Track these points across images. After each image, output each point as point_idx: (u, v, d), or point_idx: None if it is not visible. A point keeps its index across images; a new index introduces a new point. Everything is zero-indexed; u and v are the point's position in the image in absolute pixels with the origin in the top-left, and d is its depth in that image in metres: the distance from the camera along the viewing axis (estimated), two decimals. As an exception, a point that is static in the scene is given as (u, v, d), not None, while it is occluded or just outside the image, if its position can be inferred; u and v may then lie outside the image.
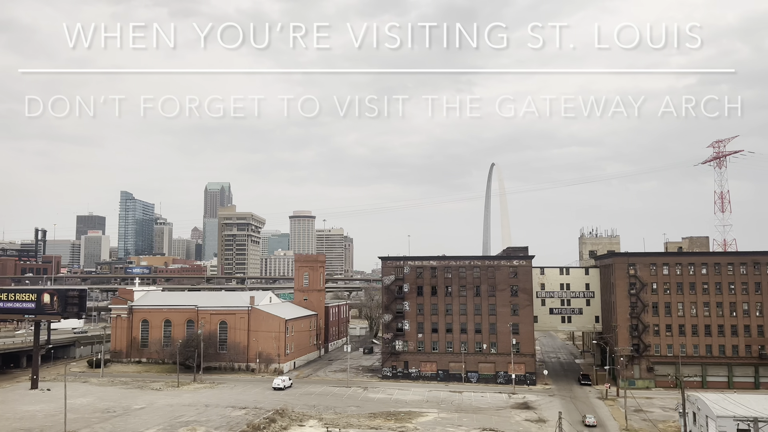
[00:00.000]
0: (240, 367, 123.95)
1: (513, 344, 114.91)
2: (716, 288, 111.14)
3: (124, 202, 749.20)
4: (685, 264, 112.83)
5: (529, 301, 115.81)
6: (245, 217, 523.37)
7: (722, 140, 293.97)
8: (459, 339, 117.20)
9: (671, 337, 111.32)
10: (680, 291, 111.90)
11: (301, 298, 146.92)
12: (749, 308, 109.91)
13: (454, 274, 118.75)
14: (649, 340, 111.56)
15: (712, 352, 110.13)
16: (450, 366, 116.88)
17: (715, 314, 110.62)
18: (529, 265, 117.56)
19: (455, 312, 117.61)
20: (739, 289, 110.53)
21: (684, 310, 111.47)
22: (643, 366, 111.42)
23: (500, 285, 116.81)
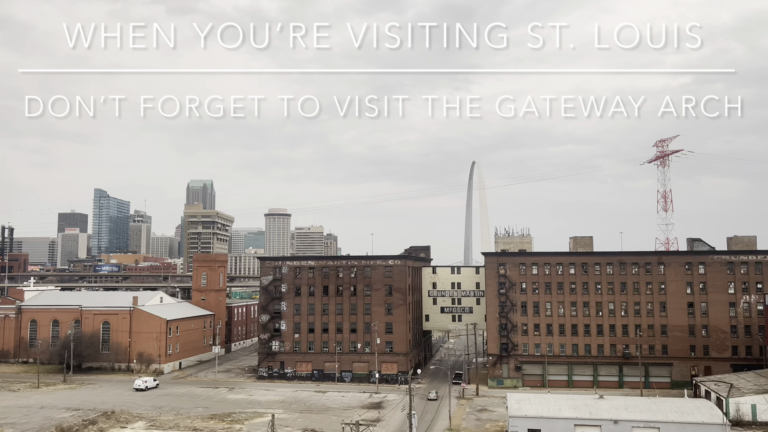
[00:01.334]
0: (120, 368, 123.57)
1: (387, 343, 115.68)
2: (583, 288, 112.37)
3: (98, 200, 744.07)
4: (553, 264, 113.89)
5: (403, 300, 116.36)
6: (210, 215, 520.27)
7: (665, 140, 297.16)
8: (334, 339, 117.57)
9: (539, 336, 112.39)
10: (548, 291, 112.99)
11: (199, 298, 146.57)
12: (615, 308, 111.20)
13: (331, 275, 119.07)
14: (517, 340, 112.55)
15: (578, 351, 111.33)
16: (325, 366, 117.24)
17: (582, 314, 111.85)
18: (404, 265, 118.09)
19: (331, 312, 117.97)
20: (605, 289, 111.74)
21: (552, 310, 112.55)
22: (511, 365, 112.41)
23: (375, 285, 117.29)
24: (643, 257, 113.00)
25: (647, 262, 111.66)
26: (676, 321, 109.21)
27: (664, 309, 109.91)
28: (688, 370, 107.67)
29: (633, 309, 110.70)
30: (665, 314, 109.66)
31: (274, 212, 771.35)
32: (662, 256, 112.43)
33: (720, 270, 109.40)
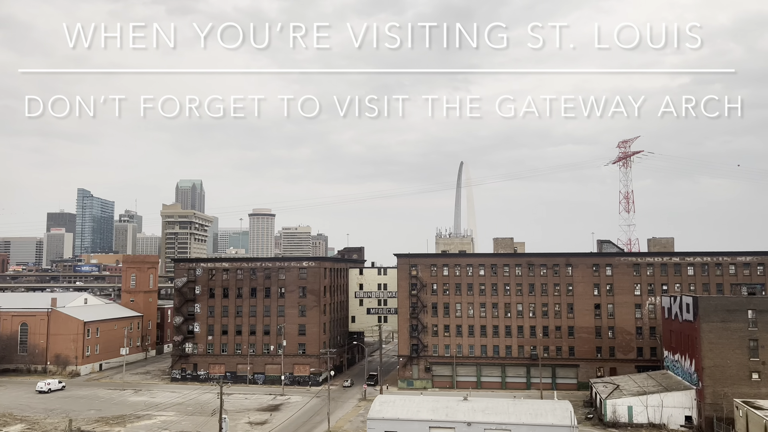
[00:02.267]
0: (36, 369, 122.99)
1: (299, 345, 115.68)
2: (493, 289, 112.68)
3: (81, 200, 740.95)
4: (463, 265, 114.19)
5: (317, 302, 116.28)
6: (187, 216, 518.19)
7: (627, 140, 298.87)
8: (248, 341, 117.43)
9: (449, 337, 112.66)
10: (459, 292, 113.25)
11: (128, 300, 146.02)
12: (523, 309, 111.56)
13: (245, 276, 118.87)
14: (427, 341, 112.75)
15: (487, 352, 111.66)
16: (238, 368, 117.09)
17: (491, 315, 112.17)
18: (319, 267, 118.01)
19: (245, 314, 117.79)
20: (513, 290, 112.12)
21: (462, 311, 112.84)
22: (421, 366, 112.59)
23: (289, 287, 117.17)
24: (552, 259, 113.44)
25: (555, 263, 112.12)
26: (583, 323, 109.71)
27: (572, 310, 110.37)
28: (594, 372, 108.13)
29: (541, 310, 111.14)
30: (573, 316, 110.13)
31: (258, 212, 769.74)
32: (570, 258, 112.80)
33: (626, 272, 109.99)
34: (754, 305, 76.92)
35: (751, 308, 76.78)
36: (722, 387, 76.32)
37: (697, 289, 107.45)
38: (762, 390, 75.38)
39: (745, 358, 76.29)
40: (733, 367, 76.40)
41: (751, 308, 76.78)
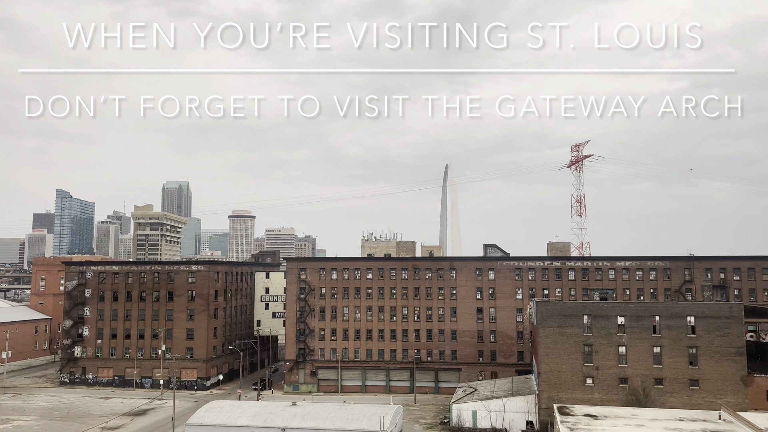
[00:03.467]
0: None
1: (187, 350, 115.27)
2: (379, 293, 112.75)
3: (60, 201, 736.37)
4: (351, 269, 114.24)
5: (205, 306, 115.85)
6: (158, 217, 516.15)
7: (580, 144, 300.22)
8: (137, 345, 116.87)
9: (335, 341, 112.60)
10: (346, 296, 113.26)
11: (37, 302, 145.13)
12: (408, 313, 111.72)
13: (135, 280, 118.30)
14: (314, 345, 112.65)
15: (372, 356, 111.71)
16: (126, 372, 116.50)
17: (377, 319, 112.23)
18: (209, 270, 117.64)
19: (134, 317, 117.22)
20: (399, 294, 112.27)
21: (349, 315, 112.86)
22: (307, 370, 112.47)
23: (178, 291, 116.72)
24: (437, 262, 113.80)
25: (440, 267, 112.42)
26: (466, 326, 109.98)
27: (455, 314, 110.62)
28: (476, 375, 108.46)
29: (425, 314, 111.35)
30: (456, 320, 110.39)
31: (237, 214, 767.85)
32: (454, 262, 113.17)
33: (509, 276, 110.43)
34: (590, 311, 77.36)
35: (586, 313, 77.23)
36: (557, 392, 76.63)
37: (577, 293, 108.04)
38: (595, 395, 75.81)
39: (580, 363, 76.68)
40: (568, 372, 76.76)
41: (586, 313, 77.23)
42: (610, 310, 77.00)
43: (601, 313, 76.88)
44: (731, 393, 73.27)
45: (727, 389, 73.40)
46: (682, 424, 60.66)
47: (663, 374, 74.80)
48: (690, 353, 74.59)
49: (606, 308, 77.32)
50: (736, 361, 73.63)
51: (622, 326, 76.27)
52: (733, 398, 73.04)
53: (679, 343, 74.86)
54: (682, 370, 74.55)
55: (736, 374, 73.42)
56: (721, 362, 73.83)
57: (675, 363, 74.68)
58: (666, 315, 75.49)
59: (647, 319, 75.89)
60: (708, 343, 74.27)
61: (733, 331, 73.97)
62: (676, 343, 74.92)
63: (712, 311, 74.86)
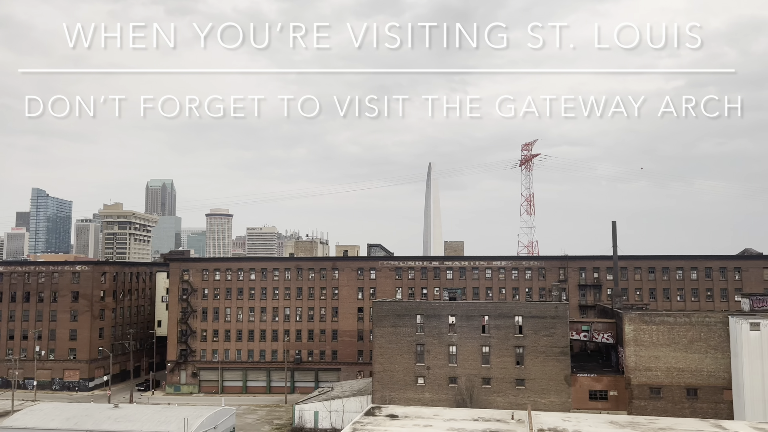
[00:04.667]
0: None
1: (70, 350, 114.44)
2: (262, 293, 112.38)
3: (35, 200, 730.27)
4: (234, 269, 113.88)
5: (89, 307, 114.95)
6: (126, 216, 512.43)
7: (529, 143, 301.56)
8: (20, 345, 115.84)
9: (218, 342, 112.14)
10: (229, 296, 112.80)
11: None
12: (290, 313, 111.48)
13: (19, 280, 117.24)
14: (196, 346, 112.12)
15: (254, 357, 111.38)
16: (8, 373, 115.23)
17: (259, 319, 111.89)
18: (92, 271, 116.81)
19: (18, 318, 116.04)
20: (282, 294, 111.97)
21: (231, 316, 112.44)
22: (189, 371, 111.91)
23: (62, 291, 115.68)
24: (319, 262, 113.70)
25: (323, 267, 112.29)
26: (347, 326, 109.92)
27: (337, 314, 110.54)
28: (355, 375, 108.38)
29: (307, 314, 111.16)
30: (337, 319, 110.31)
31: (215, 212, 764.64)
32: (337, 262, 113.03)
33: (389, 275, 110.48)
34: (423, 310, 77.42)
35: (419, 313, 77.29)
36: (390, 392, 76.67)
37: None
38: (426, 395, 75.92)
39: (412, 363, 76.73)
40: (401, 371, 76.80)
41: (419, 313, 77.29)
42: (442, 309, 77.12)
43: (433, 313, 76.98)
44: (555, 392, 73.64)
45: (551, 389, 73.75)
46: (471, 424, 60.72)
47: (491, 374, 75.01)
48: (517, 353, 74.85)
49: (438, 308, 77.45)
50: (560, 361, 73.97)
51: (453, 326, 76.41)
52: (556, 398, 73.45)
53: (506, 343, 75.10)
54: (508, 370, 74.81)
55: (560, 374, 73.76)
56: (546, 362, 74.14)
57: (502, 363, 74.92)
58: (495, 315, 75.71)
59: (477, 318, 76.08)
60: (534, 343, 74.57)
61: (558, 331, 74.31)
62: (503, 342, 75.16)
63: (538, 311, 75.17)
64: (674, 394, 71.29)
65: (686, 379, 71.22)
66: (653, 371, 71.82)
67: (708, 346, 71.03)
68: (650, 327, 72.20)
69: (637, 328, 72.34)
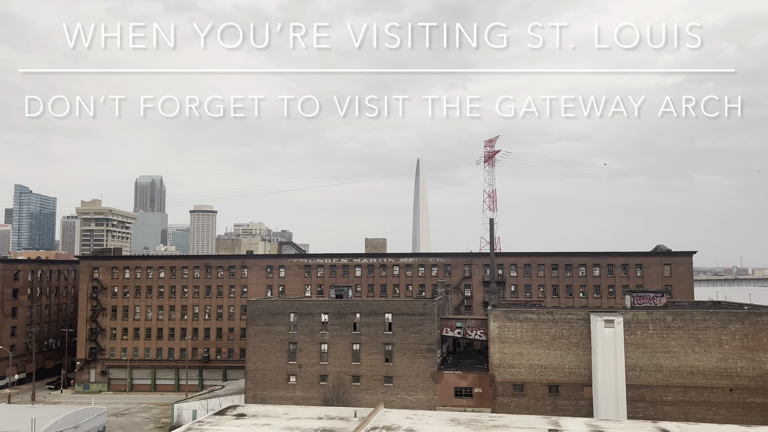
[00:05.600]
0: None
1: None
2: (171, 291, 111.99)
3: (18, 196, 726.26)
4: (143, 267, 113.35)
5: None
6: (103, 212, 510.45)
7: (492, 140, 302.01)
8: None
9: (127, 340, 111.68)
10: (138, 294, 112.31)
11: None
12: (199, 312, 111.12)
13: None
14: (105, 344, 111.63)
15: (163, 355, 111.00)
16: None
17: (168, 318, 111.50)
18: (2, 269, 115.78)
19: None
20: (191, 292, 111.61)
21: (141, 314, 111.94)
22: (98, 369, 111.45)
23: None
24: (228, 260, 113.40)
25: (232, 265, 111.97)
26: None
27: (245, 312, 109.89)
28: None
29: (216, 312, 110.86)
30: (245, 318, 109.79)
31: (199, 209, 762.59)
32: (246, 260, 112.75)
33: (299, 273, 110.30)
34: (296, 309, 77.30)
35: (293, 311, 77.17)
36: (262, 390, 76.62)
37: (363, 290, 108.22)
38: (297, 393, 75.91)
39: (285, 361, 76.66)
40: (274, 370, 76.72)
41: (293, 311, 77.17)
42: (315, 308, 77.06)
43: (306, 311, 76.88)
44: (422, 389, 73.75)
45: (418, 386, 73.85)
46: (310, 423, 60.68)
47: (360, 371, 75.05)
48: (386, 350, 74.90)
49: (311, 306, 77.37)
50: (427, 358, 74.06)
51: (325, 324, 76.36)
52: (423, 395, 73.57)
53: (376, 340, 75.12)
54: (378, 367, 74.85)
55: (427, 371, 73.87)
56: (414, 359, 74.22)
57: (372, 360, 74.95)
58: (366, 312, 75.70)
59: (349, 316, 76.04)
60: (403, 340, 74.61)
61: (426, 328, 74.37)
62: (373, 340, 75.18)
63: (407, 308, 75.21)
64: (537, 391, 71.42)
65: (548, 376, 71.36)
66: (517, 368, 71.90)
67: (570, 343, 71.17)
68: (514, 324, 72.26)
69: (502, 325, 72.38)
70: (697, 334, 68.76)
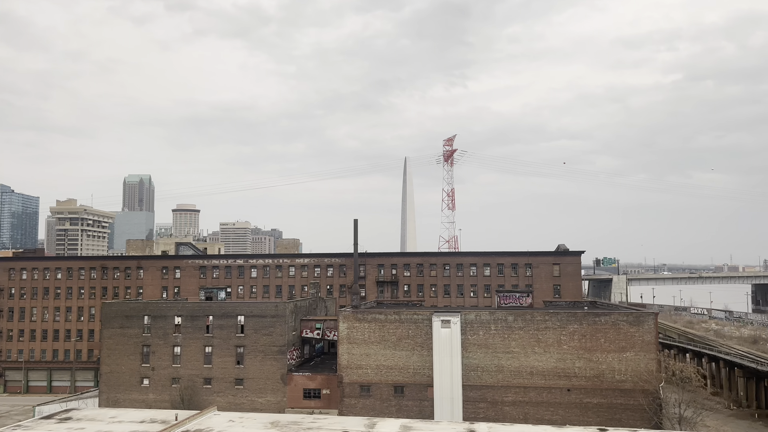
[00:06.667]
0: None
1: None
2: (68, 293, 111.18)
3: (0, 195, 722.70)
4: (41, 269, 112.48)
5: None
6: (77, 212, 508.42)
7: (450, 139, 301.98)
8: None
9: (24, 342, 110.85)
10: (35, 296, 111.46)
11: None
12: (96, 313, 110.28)
13: None
14: (1, 346, 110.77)
15: (59, 356, 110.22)
16: None
17: (65, 319, 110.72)
18: None
19: None
20: (87, 293, 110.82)
21: (37, 315, 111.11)
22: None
23: None
24: (125, 261, 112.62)
25: (128, 266, 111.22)
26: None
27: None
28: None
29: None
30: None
31: (181, 208, 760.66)
32: (141, 261, 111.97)
33: (194, 274, 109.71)
34: (150, 311, 76.70)
35: (147, 314, 76.57)
36: (116, 393, 76.04)
37: (258, 291, 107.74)
38: (150, 396, 75.31)
39: (138, 364, 76.07)
40: (127, 373, 76.11)
41: (147, 314, 76.57)
42: (168, 310, 76.47)
43: (160, 314, 76.30)
44: (272, 392, 73.39)
45: (268, 388, 73.48)
46: (127, 426, 60.24)
47: (212, 374, 74.57)
48: (238, 352, 74.46)
49: (164, 308, 76.79)
50: (278, 360, 73.69)
51: (178, 326, 75.82)
52: (273, 397, 73.22)
53: (228, 343, 74.66)
54: (229, 370, 74.40)
55: (277, 373, 73.50)
56: (264, 361, 73.82)
57: (224, 362, 74.48)
58: (219, 315, 75.22)
59: (202, 318, 75.54)
60: (254, 342, 74.20)
61: (277, 330, 73.97)
62: (225, 342, 74.71)
63: (260, 310, 74.77)
64: (383, 391, 71.15)
65: (394, 376, 71.08)
66: (364, 369, 71.59)
67: (415, 344, 70.91)
68: (363, 325, 71.95)
69: (351, 326, 72.04)
70: (537, 334, 68.68)
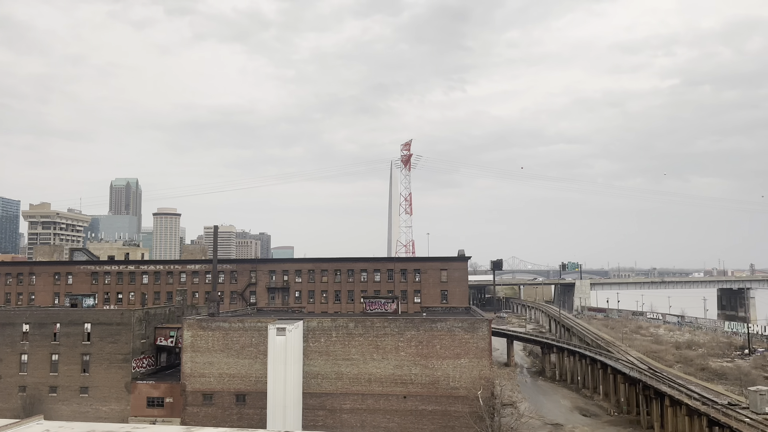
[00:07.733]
0: None
1: None
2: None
3: None
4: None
5: None
6: (49, 215, 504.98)
7: (407, 143, 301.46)
8: None
9: None
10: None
11: None
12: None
13: None
14: None
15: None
16: None
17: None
18: None
19: None
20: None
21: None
22: None
23: None
24: (16, 267, 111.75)
25: (20, 272, 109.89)
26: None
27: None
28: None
29: None
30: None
31: (162, 211, 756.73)
32: (34, 267, 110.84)
33: (86, 280, 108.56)
34: (-2, 318, 75.53)
35: (-5, 321, 75.35)
36: (-38, 402, 74.66)
37: (149, 297, 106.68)
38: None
39: (-16, 372, 74.82)
40: (-26, 381, 74.84)
41: (-5, 321, 75.35)
42: (16, 317, 75.43)
43: (7, 321, 75.23)
44: (116, 400, 72.43)
45: (112, 396, 72.53)
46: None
47: (58, 382, 73.56)
48: (84, 360, 73.48)
49: (12, 316, 75.77)
50: (123, 368, 72.76)
51: (26, 334, 74.73)
52: (117, 405, 72.26)
53: (74, 350, 73.68)
54: (75, 378, 73.38)
55: (121, 381, 72.57)
56: (110, 369, 72.88)
57: (70, 370, 73.49)
58: (66, 322, 74.26)
59: (50, 326, 74.54)
60: (100, 350, 73.27)
61: (122, 338, 73.07)
62: (72, 350, 73.73)
63: (106, 318, 73.92)
64: (225, 400, 70.39)
65: (236, 384, 70.35)
66: (207, 377, 70.82)
67: (258, 352, 70.20)
68: (207, 333, 71.21)
69: (195, 334, 71.27)
70: (376, 341, 68.23)
